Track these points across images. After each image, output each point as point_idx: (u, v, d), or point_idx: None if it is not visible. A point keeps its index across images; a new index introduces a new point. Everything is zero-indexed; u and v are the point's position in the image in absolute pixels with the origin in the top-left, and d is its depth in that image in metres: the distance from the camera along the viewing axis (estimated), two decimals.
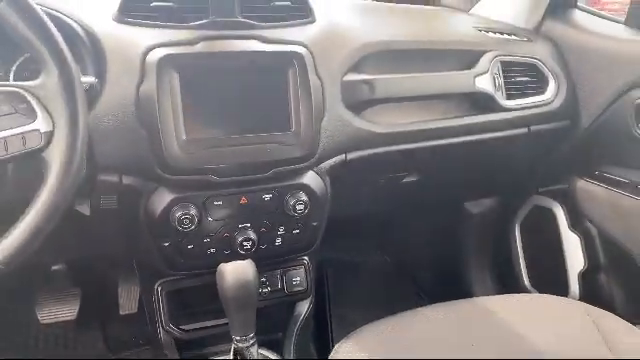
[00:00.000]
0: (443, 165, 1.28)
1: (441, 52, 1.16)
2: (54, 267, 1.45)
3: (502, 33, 1.27)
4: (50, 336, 1.54)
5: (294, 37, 0.97)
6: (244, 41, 0.92)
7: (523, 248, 1.58)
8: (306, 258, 1.15)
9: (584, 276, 1.38)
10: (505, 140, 1.20)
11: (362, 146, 1.05)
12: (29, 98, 0.66)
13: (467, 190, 1.55)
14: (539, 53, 1.25)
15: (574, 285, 1.40)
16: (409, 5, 1.46)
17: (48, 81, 0.67)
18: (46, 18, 0.67)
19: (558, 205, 1.44)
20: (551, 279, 1.43)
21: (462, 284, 1.66)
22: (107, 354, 1.54)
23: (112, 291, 1.53)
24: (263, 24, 0.95)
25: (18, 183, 0.79)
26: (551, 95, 1.23)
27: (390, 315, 0.98)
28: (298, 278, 1.13)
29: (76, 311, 1.46)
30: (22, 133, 0.65)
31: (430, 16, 1.42)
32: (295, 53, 0.92)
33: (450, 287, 1.09)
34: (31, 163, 0.73)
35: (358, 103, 1.03)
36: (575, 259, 1.40)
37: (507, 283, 1.60)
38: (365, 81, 1.03)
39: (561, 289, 1.35)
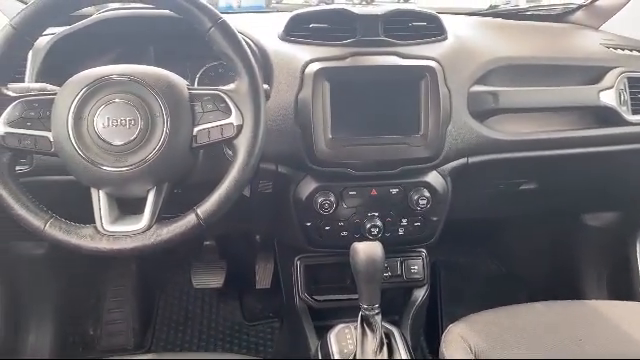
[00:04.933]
0: (562, 175, 1.29)
1: (565, 67, 1.19)
2: (206, 242, 1.67)
3: (631, 50, 1.26)
4: (198, 300, 1.78)
5: (428, 53, 1.07)
6: (385, 57, 1.05)
7: None
8: (424, 250, 1.23)
9: None
10: (628, 154, 1.20)
11: (484, 151, 1.12)
12: (226, 99, 0.80)
13: (586, 202, 1.51)
14: None
15: None
16: (535, 22, 1.48)
17: (241, 86, 0.80)
18: (242, 39, 0.82)
19: None
20: None
21: (576, 296, 1.58)
22: (242, 321, 1.74)
23: (251, 268, 1.70)
24: (402, 42, 1.08)
25: (203, 168, 0.92)
26: None
27: None
28: (416, 267, 1.22)
29: (222, 281, 1.66)
30: (221, 125, 0.79)
31: (556, 33, 1.43)
32: (428, 67, 1.02)
33: (564, 298, 1.12)
34: (214, 154, 0.91)
35: (482, 112, 1.10)
36: None
37: (624, 297, 1.51)
38: (490, 92, 1.10)
39: None
